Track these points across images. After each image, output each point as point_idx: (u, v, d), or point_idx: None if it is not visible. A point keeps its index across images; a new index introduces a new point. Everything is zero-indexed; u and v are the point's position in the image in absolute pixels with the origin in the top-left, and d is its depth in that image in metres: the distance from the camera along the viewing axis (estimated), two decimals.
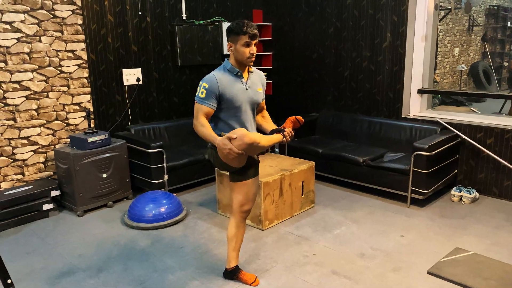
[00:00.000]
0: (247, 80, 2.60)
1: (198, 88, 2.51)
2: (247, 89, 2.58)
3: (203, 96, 2.47)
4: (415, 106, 4.88)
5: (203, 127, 2.46)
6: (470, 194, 4.19)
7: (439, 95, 6.85)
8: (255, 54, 2.51)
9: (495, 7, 9.52)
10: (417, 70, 4.79)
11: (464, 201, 4.20)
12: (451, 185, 4.47)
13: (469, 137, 4.36)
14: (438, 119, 4.57)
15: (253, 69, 2.65)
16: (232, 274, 2.89)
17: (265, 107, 2.87)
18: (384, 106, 5.00)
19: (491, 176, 4.31)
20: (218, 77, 2.50)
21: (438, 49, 8.12)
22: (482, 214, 3.94)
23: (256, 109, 2.72)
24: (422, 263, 3.09)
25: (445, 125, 4.48)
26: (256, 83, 2.66)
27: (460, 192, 4.24)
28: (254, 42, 2.48)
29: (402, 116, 4.85)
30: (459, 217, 3.90)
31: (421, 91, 4.85)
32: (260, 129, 2.79)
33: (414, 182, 4.02)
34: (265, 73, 6.13)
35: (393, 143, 4.73)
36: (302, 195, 4.04)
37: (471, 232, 3.59)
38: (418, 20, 4.65)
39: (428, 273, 2.97)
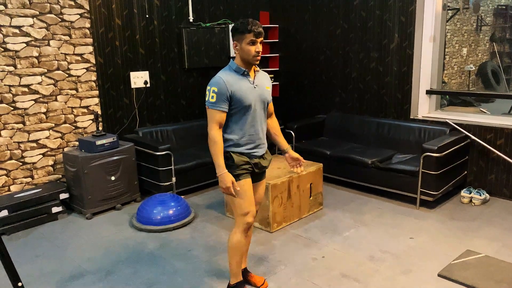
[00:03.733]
0: (254, 78, 2.56)
1: (207, 92, 2.46)
2: (255, 87, 2.55)
3: (213, 100, 2.43)
4: (424, 107, 4.84)
5: (216, 144, 2.43)
6: (480, 195, 4.15)
7: (448, 96, 6.79)
8: (261, 52, 2.47)
9: (504, 7, 9.45)
10: (425, 71, 4.75)
11: (474, 203, 4.16)
12: (461, 187, 4.43)
13: (478, 138, 4.32)
14: (447, 120, 4.53)
15: (258, 69, 2.62)
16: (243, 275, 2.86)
17: (273, 112, 2.82)
18: (393, 107, 4.97)
19: (502, 177, 4.27)
20: (226, 79, 2.45)
21: (446, 50, 8.07)
22: (493, 216, 3.90)
23: (266, 108, 2.67)
24: (433, 266, 3.06)
25: (454, 126, 4.44)
26: (263, 81, 2.62)
27: (470, 193, 4.20)
28: (259, 40, 2.44)
29: (411, 117, 4.82)
30: (469, 219, 3.86)
31: (429, 92, 4.82)
32: (269, 137, 2.78)
33: (424, 183, 3.99)
34: (272, 75, 6.13)
35: (402, 145, 4.70)
36: (310, 197, 4.02)
37: (482, 234, 3.55)
38: (426, 20, 4.62)
39: (439, 275, 2.94)
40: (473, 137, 4.33)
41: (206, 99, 2.47)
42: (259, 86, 2.57)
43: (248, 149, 2.55)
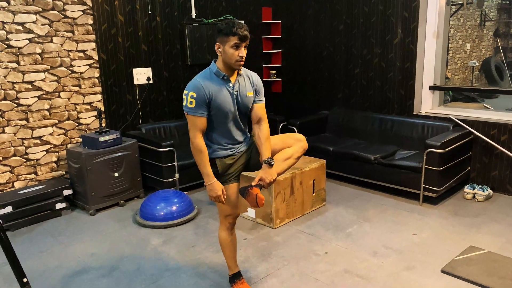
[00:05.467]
0: (234, 84, 2.39)
1: (185, 97, 2.32)
2: (234, 93, 2.39)
3: (192, 106, 2.31)
4: (427, 103, 4.83)
5: (201, 153, 2.36)
6: (483, 191, 4.14)
7: (451, 92, 6.78)
8: (244, 58, 2.30)
9: (508, 2, 9.39)
10: (428, 67, 4.74)
11: (477, 199, 4.16)
12: (464, 183, 4.42)
13: (482, 134, 4.30)
14: (450, 116, 4.52)
15: (242, 71, 2.44)
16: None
17: (264, 118, 2.51)
18: (396, 103, 4.96)
19: (505, 174, 4.25)
20: (204, 84, 2.31)
21: (450, 45, 8.04)
22: (496, 212, 3.89)
23: (247, 113, 2.51)
24: (436, 262, 3.06)
25: (458, 122, 4.43)
26: (245, 86, 2.44)
27: (473, 189, 4.19)
28: (244, 44, 2.28)
29: (414, 113, 4.81)
30: (472, 215, 3.85)
31: (433, 88, 4.80)
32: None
33: (427, 179, 3.98)
34: (275, 71, 6.12)
35: (405, 141, 4.69)
36: (313, 193, 4.02)
37: (485, 230, 3.55)
38: (430, 16, 4.60)
39: (442, 271, 2.94)
40: (476, 133, 4.32)
41: (184, 104, 2.34)
42: (240, 92, 2.42)
43: (232, 150, 2.49)
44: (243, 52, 2.30)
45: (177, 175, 4.37)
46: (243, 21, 5.66)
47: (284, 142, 2.56)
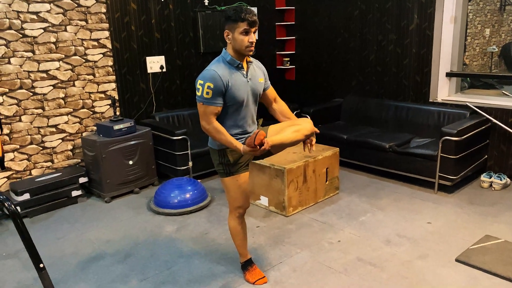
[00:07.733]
0: (247, 71, 2.42)
1: (200, 87, 2.31)
2: (248, 81, 2.41)
3: (209, 96, 2.30)
4: (444, 90, 4.74)
5: (221, 134, 2.35)
6: (500, 180, 4.07)
7: (469, 78, 6.63)
8: (254, 43, 2.31)
9: None
10: (445, 53, 4.63)
11: (494, 187, 4.08)
12: (481, 171, 4.35)
13: (500, 121, 4.21)
14: (467, 103, 4.43)
15: (251, 58, 2.47)
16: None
17: (277, 97, 2.69)
18: (411, 90, 4.88)
19: None
20: (221, 73, 2.30)
21: (468, 30, 7.83)
22: None
23: (258, 100, 2.54)
24: (450, 251, 3.03)
25: (475, 109, 4.34)
26: (256, 73, 2.48)
27: (490, 178, 4.12)
28: (253, 29, 2.29)
29: (430, 101, 4.72)
30: (489, 204, 3.79)
31: (449, 75, 4.70)
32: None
33: (442, 168, 3.93)
34: (288, 58, 6.07)
35: (421, 128, 4.63)
36: (326, 181, 4.01)
37: (501, 219, 3.49)
38: (447, 0, 4.48)
39: (457, 260, 2.91)
40: (494, 120, 4.23)
41: (199, 94, 2.32)
42: (252, 79, 2.44)
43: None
44: (253, 37, 2.31)
45: (190, 163, 4.40)
46: (256, 8, 5.61)
47: (293, 123, 2.61)
